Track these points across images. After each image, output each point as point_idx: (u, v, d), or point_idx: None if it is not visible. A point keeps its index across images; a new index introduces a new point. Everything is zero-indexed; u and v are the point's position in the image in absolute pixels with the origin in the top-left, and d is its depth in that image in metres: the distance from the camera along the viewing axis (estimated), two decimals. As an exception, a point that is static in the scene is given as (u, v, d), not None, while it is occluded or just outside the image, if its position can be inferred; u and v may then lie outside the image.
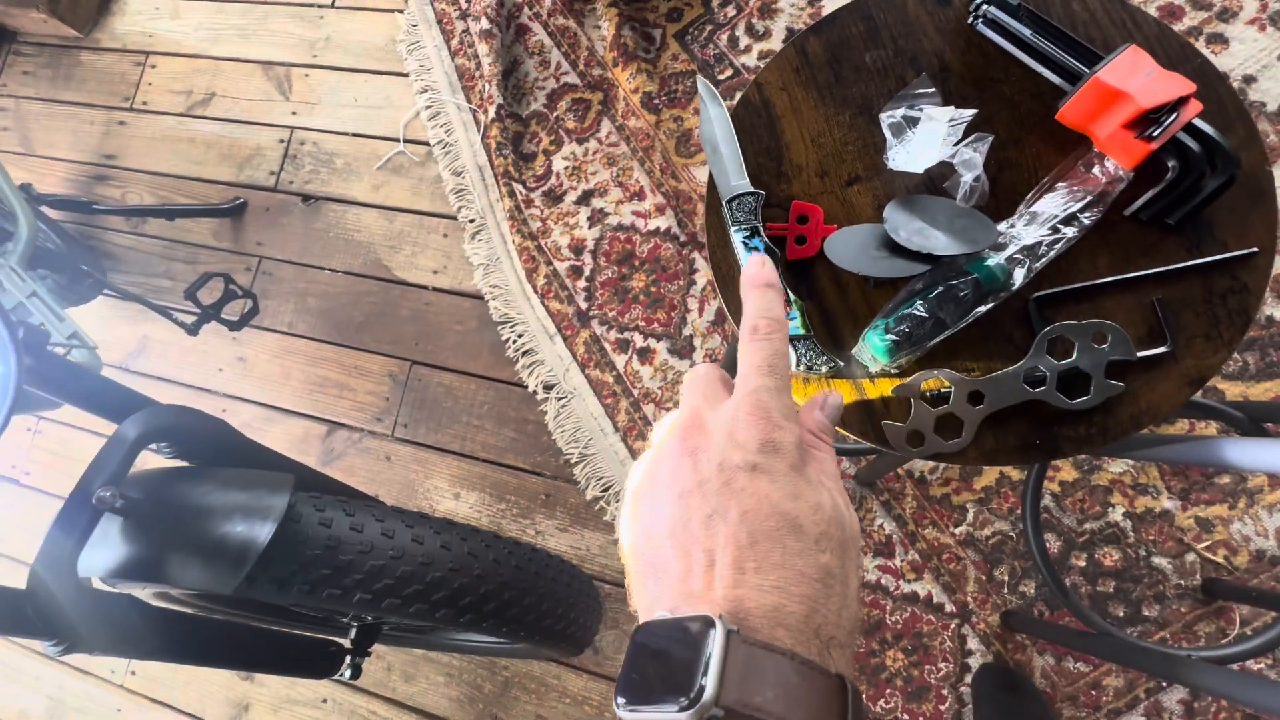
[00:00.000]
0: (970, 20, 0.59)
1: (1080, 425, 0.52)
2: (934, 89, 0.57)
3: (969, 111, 0.56)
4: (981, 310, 0.52)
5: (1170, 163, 0.51)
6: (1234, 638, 1.00)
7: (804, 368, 0.54)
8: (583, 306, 1.32)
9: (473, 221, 1.40)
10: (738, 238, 0.57)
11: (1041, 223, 0.53)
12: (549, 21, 1.48)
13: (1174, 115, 0.49)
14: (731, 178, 0.59)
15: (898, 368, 0.53)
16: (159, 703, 1.32)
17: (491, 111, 1.41)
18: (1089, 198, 0.52)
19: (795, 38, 0.62)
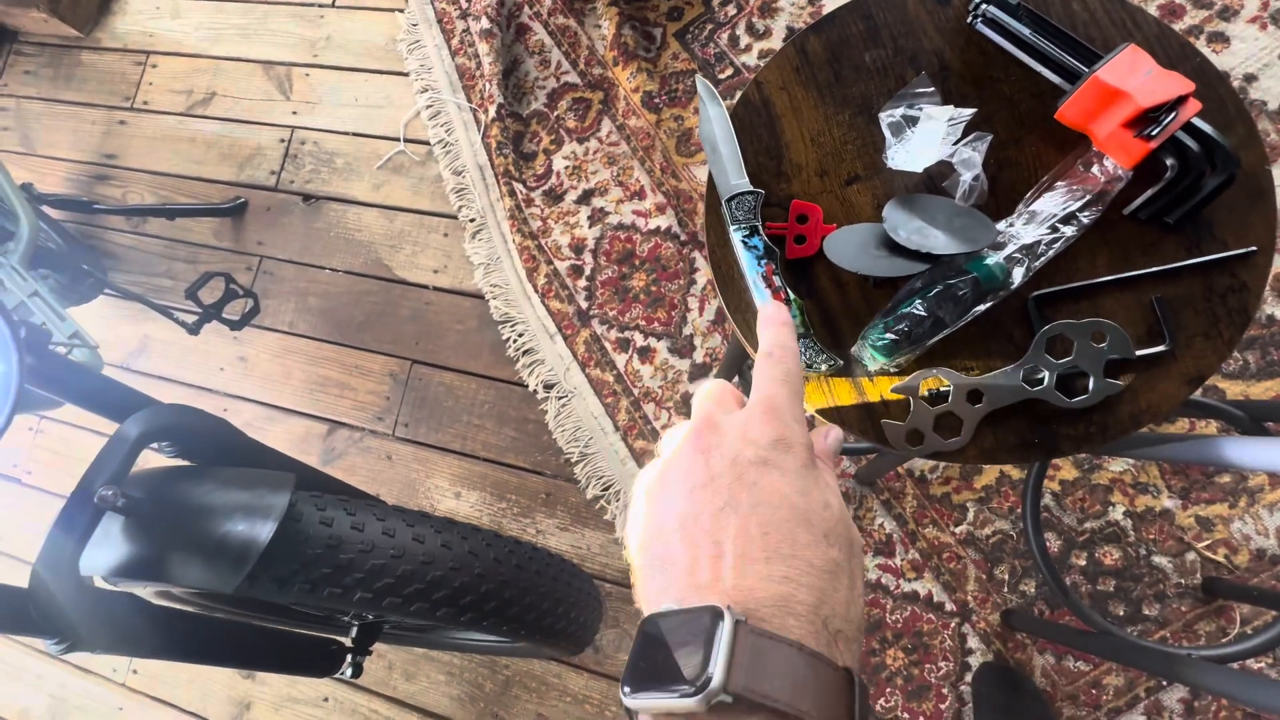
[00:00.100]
0: (970, 19, 0.59)
1: (1079, 424, 0.52)
2: (933, 88, 0.57)
3: (968, 111, 0.56)
4: (980, 309, 0.52)
5: (1169, 162, 0.51)
6: (1234, 637, 1.00)
7: (804, 366, 0.54)
8: (583, 306, 1.32)
9: (473, 221, 1.41)
10: (737, 237, 0.57)
11: (1040, 222, 0.53)
12: (549, 21, 1.48)
13: (1173, 114, 0.49)
14: (731, 177, 0.59)
15: (897, 367, 0.53)
16: (161, 701, 1.32)
17: (492, 111, 1.42)
18: (1088, 197, 0.52)
19: (795, 37, 0.62)
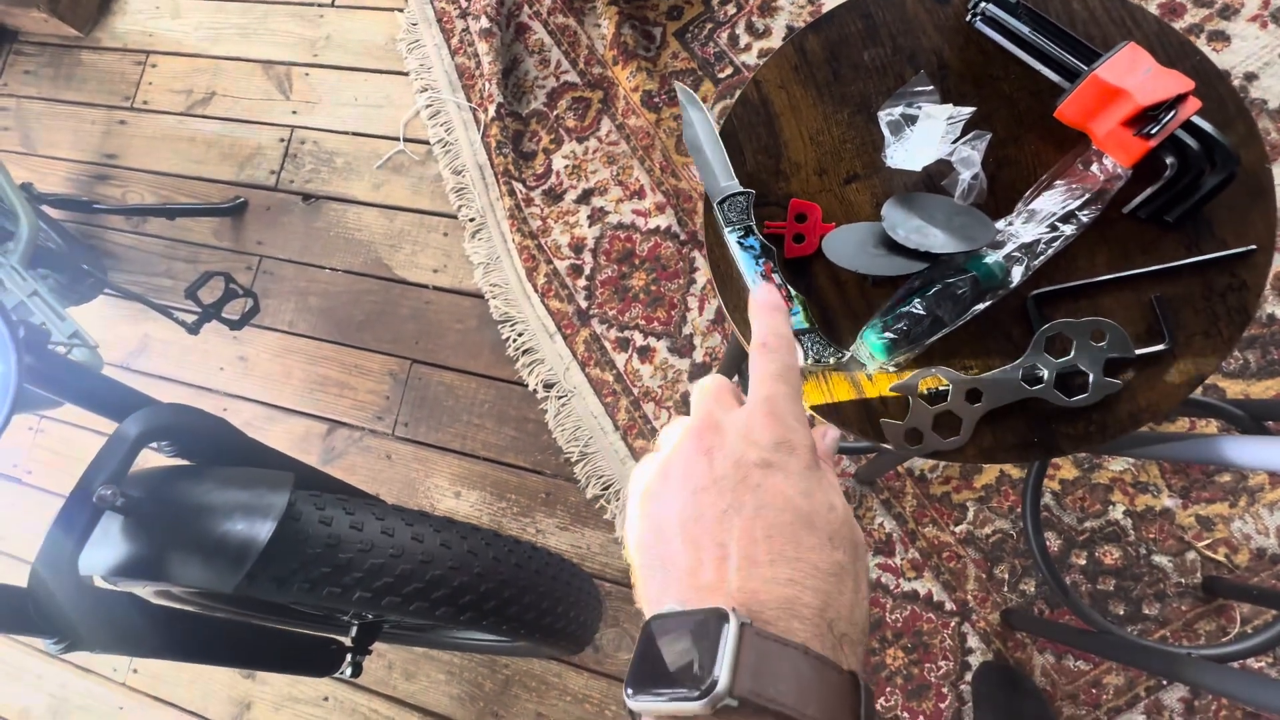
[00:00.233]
0: (969, 18, 0.59)
1: (1079, 423, 0.52)
2: (932, 87, 0.57)
3: (967, 109, 0.56)
4: (979, 308, 0.52)
5: (1169, 160, 0.51)
6: (1234, 636, 1.00)
7: (811, 360, 0.54)
8: (583, 305, 1.32)
9: (473, 220, 1.40)
10: (732, 238, 0.57)
11: (1040, 220, 0.53)
12: (549, 20, 1.48)
13: (1172, 113, 0.49)
14: (720, 179, 0.58)
15: (896, 366, 0.53)
16: (161, 701, 1.32)
17: (491, 110, 1.41)
18: (1087, 195, 0.52)
19: (794, 36, 0.62)
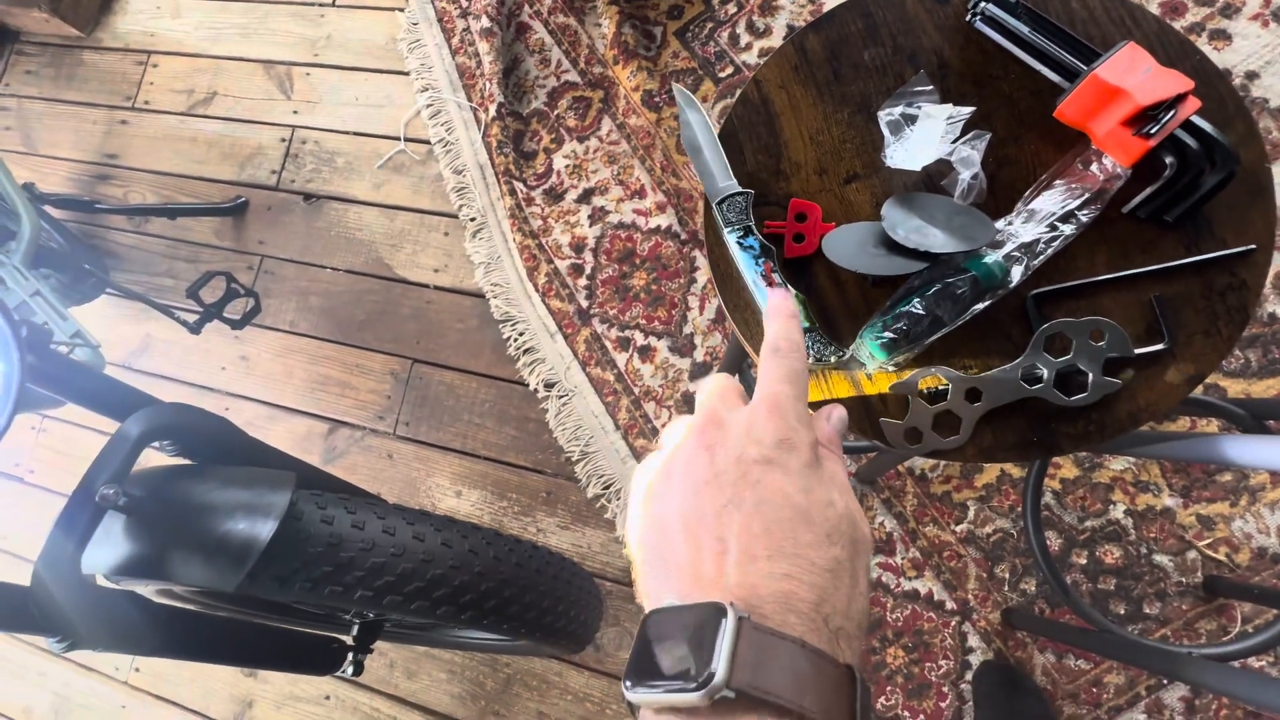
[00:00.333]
0: (969, 18, 0.59)
1: (1078, 422, 0.52)
2: (932, 86, 0.57)
3: (967, 109, 0.56)
4: (979, 308, 0.52)
5: (1168, 160, 0.51)
6: (1235, 635, 1.00)
7: (812, 359, 0.54)
8: (583, 304, 1.32)
9: (474, 220, 1.41)
10: (731, 239, 0.57)
11: (1039, 220, 0.53)
12: (549, 19, 1.48)
13: (1172, 112, 0.49)
14: (718, 180, 0.58)
15: (895, 365, 0.53)
16: (163, 699, 1.33)
17: (492, 110, 1.42)
18: (1087, 195, 0.52)
19: (794, 35, 0.62)
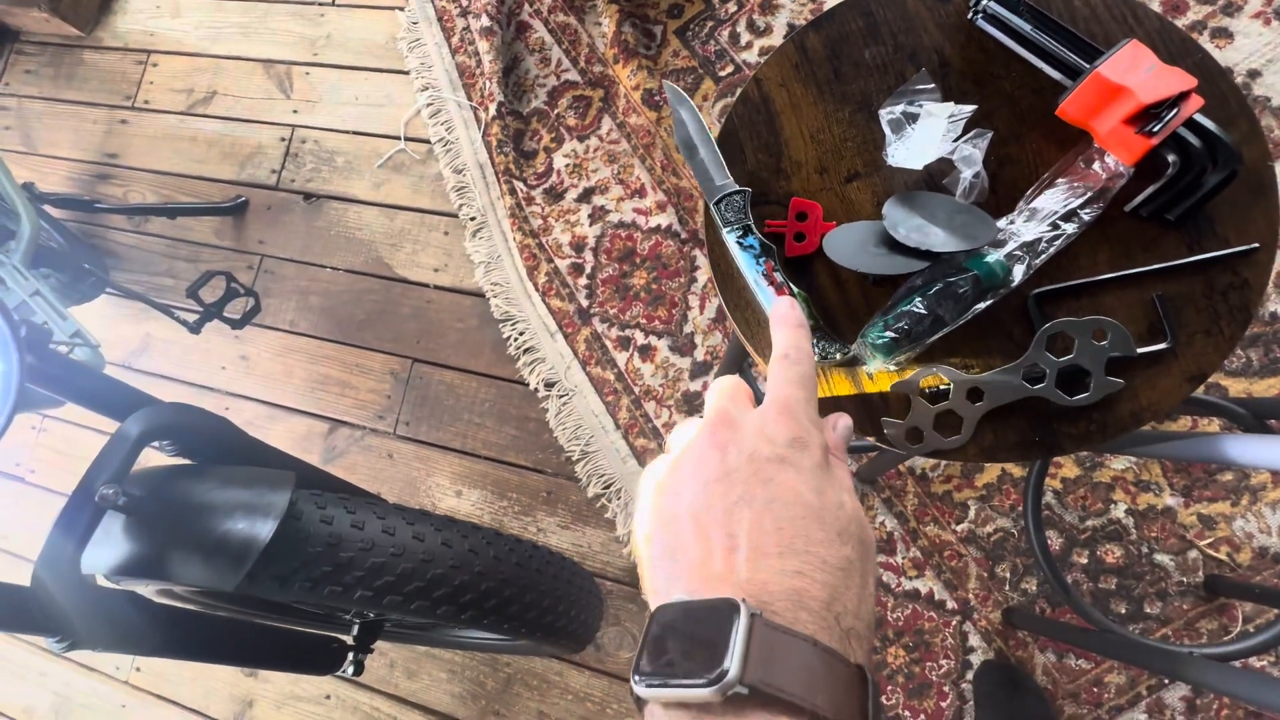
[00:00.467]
0: (970, 16, 0.59)
1: (1080, 422, 0.52)
2: (933, 85, 0.57)
3: (968, 107, 0.55)
4: (981, 307, 0.52)
5: (1171, 158, 0.51)
6: (1236, 635, 0.99)
7: (817, 356, 0.54)
8: (584, 304, 1.32)
9: (474, 219, 1.40)
10: (730, 238, 0.56)
11: (1041, 219, 0.53)
12: (549, 18, 1.48)
13: (1174, 110, 0.48)
14: (715, 179, 0.57)
15: (897, 365, 0.53)
16: (163, 699, 1.33)
17: (492, 109, 1.41)
18: (1089, 194, 0.52)
19: (795, 33, 0.62)
